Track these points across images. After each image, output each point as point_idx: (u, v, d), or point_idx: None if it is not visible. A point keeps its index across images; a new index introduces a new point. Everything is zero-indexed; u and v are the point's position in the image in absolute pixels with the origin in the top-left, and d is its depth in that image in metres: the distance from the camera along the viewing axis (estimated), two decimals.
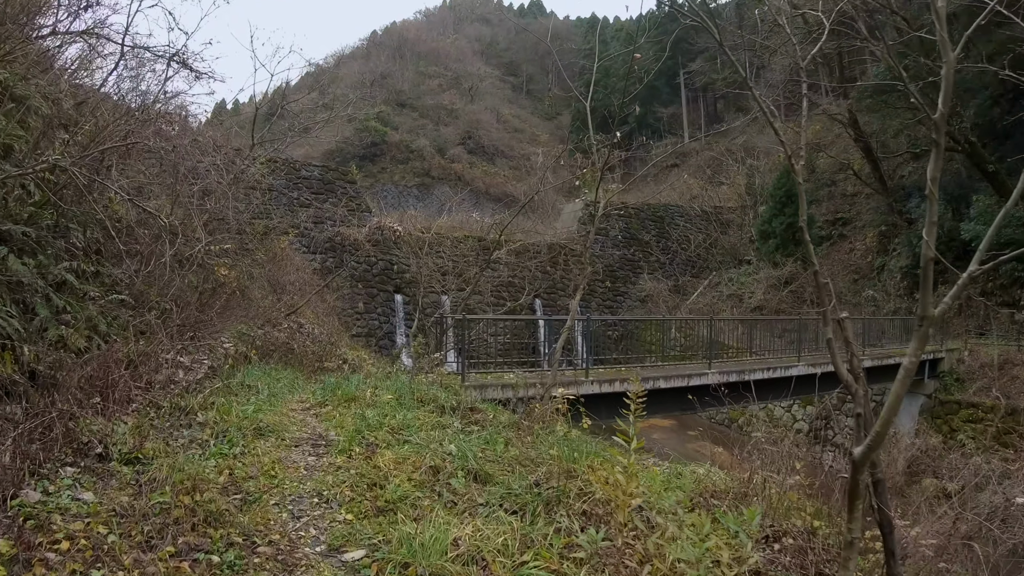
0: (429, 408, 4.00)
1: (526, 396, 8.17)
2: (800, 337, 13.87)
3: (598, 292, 28.29)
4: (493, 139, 61.27)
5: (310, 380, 6.88)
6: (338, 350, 8.96)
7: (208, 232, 10.67)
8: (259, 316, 8.66)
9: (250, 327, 8.02)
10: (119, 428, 3.42)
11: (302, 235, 19.18)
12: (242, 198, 12.71)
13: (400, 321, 21.37)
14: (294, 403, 4.62)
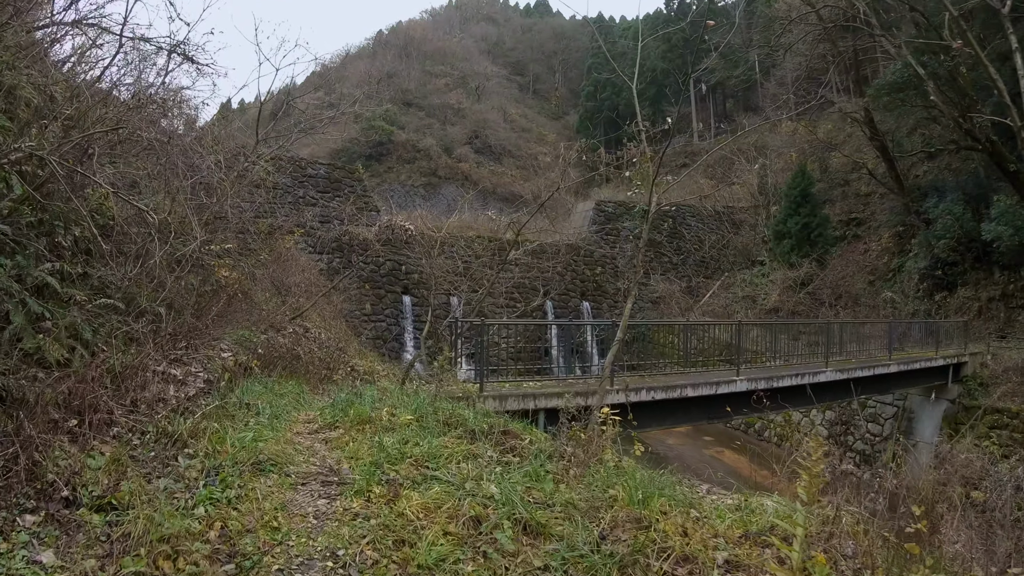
0: (456, 432, 3.43)
1: (548, 407, 7.60)
2: (827, 340, 13.24)
3: (609, 293, 27.70)
4: (500, 138, 60.81)
5: (317, 392, 6.33)
6: (347, 357, 8.41)
7: (209, 231, 10.15)
8: (262, 320, 8.12)
9: (252, 332, 7.48)
10: (93, 461, 2.87)
11: (308, 234, 18.66)
12: (245, 196, 12.20)
13: (409, 323, 20.84)
14: (299, 424, 4.06)
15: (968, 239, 24.06)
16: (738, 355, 10.68)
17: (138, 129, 6.27)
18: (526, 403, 7.46)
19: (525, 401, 7.50)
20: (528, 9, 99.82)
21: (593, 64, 62.92)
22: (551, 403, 7.79)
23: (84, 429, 3.41)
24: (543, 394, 7.74)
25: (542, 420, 7.74)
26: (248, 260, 9.81)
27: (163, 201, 8.63)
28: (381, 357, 19.23)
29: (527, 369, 10.07)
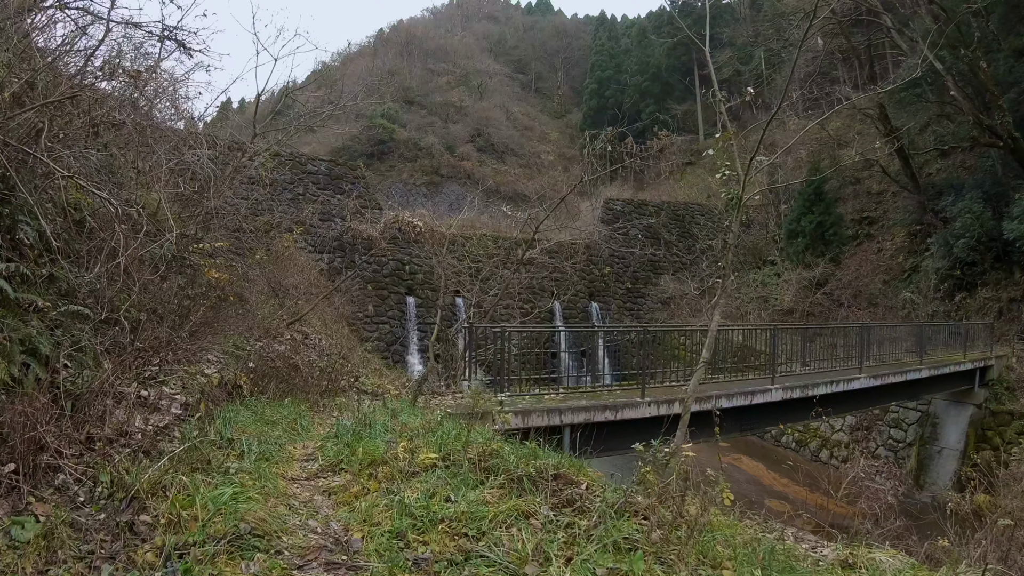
0: (498, 480, 2.67)
1: (576, 422, 6.82)
2: (861, 345, 12.46)
3: (618, 294, 26.94)
4: (503, 137, 60.06)
5: (318, 409, 5.56)
6: (351, 366, 7.64)
7: (201, 228, 9.37)
8: (257, 326, 7.34)
9: (245, 340, 6.71)
10: (21, 531, 2.10)
11: (308, 233, 17.89)
12: (241, 192, 11.42)
13: (413, 325, 20.07)
14: (295, 465, 3.27)
15: (988, 238, 23.33)
16: (772, 362, 9.90)
17: (110, 109, 5.49)
18: (551, 419, 6.69)
19: (550, 416, 6.73)
20: (529, 7, 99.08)
21: (597, 61, 62.10)
22: (579, 418, 7.02)
23: (20, 478, 2.63)
24: (569, 408, 6.97)
25: (568, 437, 6.97)
26: (243, 260, 9.04)
27: (143, 194, 7.86)
28: (385, 362, 18.47)
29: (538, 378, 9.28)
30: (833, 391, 11.41)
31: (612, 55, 61.92)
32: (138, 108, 8.81)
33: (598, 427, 7.26)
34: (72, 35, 9.79)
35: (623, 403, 7.47)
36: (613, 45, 63.57)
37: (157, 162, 9.53)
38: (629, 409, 7.51)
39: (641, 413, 7.64)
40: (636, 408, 7.59)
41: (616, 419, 7.35)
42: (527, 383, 8.16)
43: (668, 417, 8.11)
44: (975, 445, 18.44)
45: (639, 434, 8.18)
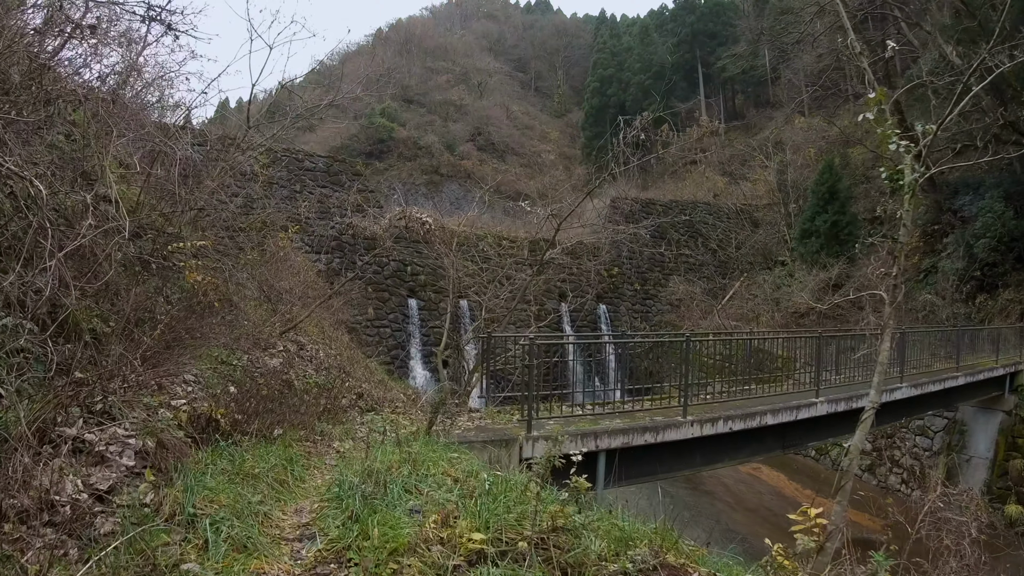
0: None
1: (612, 447, 5.90)
2: (902, 352, 11.57)
3: (627, 296, 26.01)
4: (503, 136, 59.21)
5: (313, 441, 4.63)
6: (352, 380, 6.72)
7: (186, 225, 8.45)
8: (245, 336, 6.42)
9: (231, 354, 5.79)
10: None
11: (304, 232, 16.96)
12: (232, 187, 10.50)
13: (416, 328, 19.13)
14: (283, 548, 2.36)
15: (1010, 238, 22.59)
16: (817, 374, 8.99)
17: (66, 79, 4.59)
18: (585, 444, 5.78)
19: (584, 442, 5.82)
20: (529, 7, 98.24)
21: (599, 59, 61.20)
22: (616, 442, 6.11)
23: None
24: (605, 432, 6.06)
25: (603, 463, 6.06)
26: (231, 261, 8.10)
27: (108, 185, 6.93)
28: (386, 368, 17.53)
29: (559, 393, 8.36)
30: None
31: (614, 53, 61.02)
32: (104, 81, 7.90)
33: (635, 451, 6.36)
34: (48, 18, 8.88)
35: (664, 424, 6.56)
36: (615, 43, 62.66)
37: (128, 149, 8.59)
38: (671, 430, 6.61)
39: (683, 434, 6.74)
40: (678, 429, 6.68)
41: (656, 442, 6.45)
42: (553, 402, 7.23)
43: (712, 438, 7.21)
44: (1005, 453, 17.60)
45: (680, 457, 7.29)
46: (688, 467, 7.29)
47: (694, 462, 7.39)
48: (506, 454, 5.32)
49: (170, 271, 6.88)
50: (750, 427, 7.67)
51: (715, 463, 7.70)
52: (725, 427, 7.28)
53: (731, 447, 7.92)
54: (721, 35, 53.57)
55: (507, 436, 5.46)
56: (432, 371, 17.97)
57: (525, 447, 5.49)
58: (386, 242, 12.65)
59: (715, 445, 7.55)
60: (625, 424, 6.32)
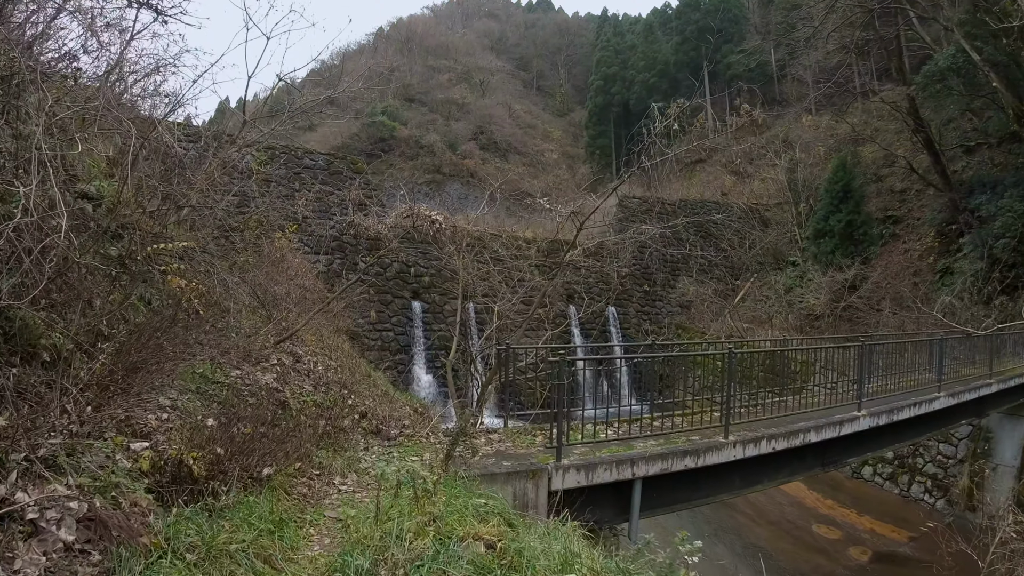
0: None
1: (650, 475, 5.18)
2: (940, 360, 10.84)
3: (635, 297, 25.27)
4: (506, 135, 58.55)
5: (311, 475, 3.92)
6: (355, 397, 6.00)
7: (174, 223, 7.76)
8: (236, 348, 5.71)
9: (218, 369, 5.09)
10: None
11: (303, 231, 16.23)
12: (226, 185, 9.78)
13: (419, 332, 18.39)
14: None
15: None
16: (860, 384, 8.27)
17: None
18: (621, 472, 5.08)
19: (620, 469, 5.11)
20: (530, 6, 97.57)
21: (602, 57, 60.46)
22: (653, 468, 5.40)
23: None
24: (643, 457, 5.34)
25: (639, 493, 5.34)
26: (223, 263, 7.39)
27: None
28: (389, 374, 16.80)
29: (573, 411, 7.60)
30: (916, 414, 9.83)
31: (617, 51, 60.28)
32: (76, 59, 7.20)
33: (672, 476, 5.65)
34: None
35: (705, 447, 5.85)
36: (618, 41, 61.92)
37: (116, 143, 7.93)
38: (712, 453, 5.90)
39: (725, 457, 6.03)
40: (720, 451, 5.97)
41: (696, 466, 5.75)
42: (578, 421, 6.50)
43: (755, 459, 6.49)
44: None
45: (719, 480, 6.57)
46: (727, 491, 6.59)
47: (733, 485, 6.68)
48: (533, 487, 4.63)
49: (152, 275, 6.18)
50: (793, 446, 6.96)
51: (754, 485, 6.99)
52: (768, 447, 6.57)
53: (771, 467, 7.20)
54: (727, 32, 52.83)
55: (534, 466, 4.76)
56: (437, 377, 17.25)
57: (555, 478, 4.80)
58: (391, 242, 11.78)
59: (754, 466, 6.84)
60: (663, 448, 5.61)
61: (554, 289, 12.57)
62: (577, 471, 4.93)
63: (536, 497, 4.63)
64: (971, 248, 23.64)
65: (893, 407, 9.00)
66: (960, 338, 13.55)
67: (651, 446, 5.71)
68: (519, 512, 4.09)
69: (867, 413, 8.39)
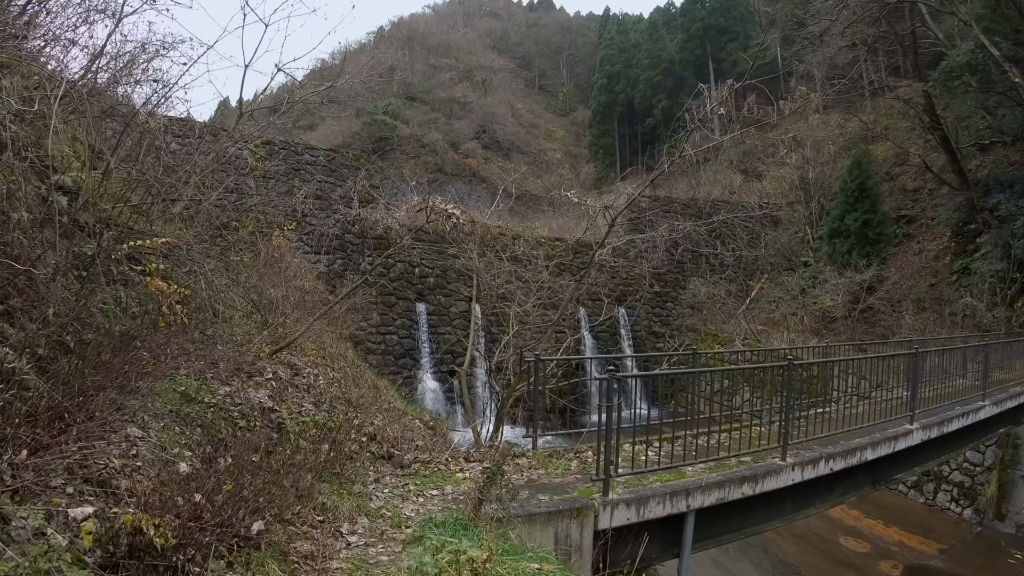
0: None
1: (706, 506, 4.44)
2: (986, 367, 10.11)
3: (645, 298, 24.50)
4: (508, 134, 57.88)
5: (311, 526, 3.19)
6: (363, 414, 5.27)
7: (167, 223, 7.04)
8: (226, 359, 4.98)
9: (203, 386, 4.36)
10: None
11: (303, 229, 15.50)
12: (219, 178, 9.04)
13: (424, 335, 17.65)
14: None
15: None
16: (913, 394, 7.53)
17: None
18: (675, 504, 4.35)
19: (674, 501, 4.39)
20: (532, 5, 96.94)
21: (606, 56, 59.79)
22: (709, 498, 4.66)
23: None
24: (698, 487, 4.61)
25: (691, 526, 4.61)
26: (215, 263, 6.65)
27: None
28: (394, 379, 16.09)
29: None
30: (964, 424, 9.11)
31: (621, 49, 59.63)
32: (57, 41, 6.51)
33: (727, 506, 4.93)
34: None
35: (763, 471, 5.12)
36: (622, 39, 61.24)
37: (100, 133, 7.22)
38: (770, 478, 5.18)
39: (783, 481, 5.31)
40: (778, 475, 5.25)
41: (754, 493, 5.02)
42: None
43: (813, 481, 5.75)
44: None
45: (771, 506, 5.83)
46: (779, 516, 5.86)
47: (785, 510, 5.95)
48: (577, 527, 3.91)
49: (131, 277, 5.45)
50: (850, 464, 6.24)
51: (807, 508, 6.26)
52: (826, 468, 5.84)
53: (823, 488, 6.48)
54: (732, 30, 52.16)
55: (578, 503, 4.03)
56: (444, 383, 16.50)
57: (602, 515, 4.07)
58: (403, 239, 10.89)
59: (807, 487, 6.11)
60: (719, 474, 4.88)
61: (578, 291, 11.75)
62: (627, 506, 4.20)
63: (580, 538, 3.92)
64: (990, 248, 22.94)
65: (943, 418, 8.28)
66: (1000, 343, 12.81)
67: (700, 470, 4.98)
68: (562, 557, 3.36)
69: (920, 426, 7.66)
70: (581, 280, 7.32)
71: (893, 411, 7.68)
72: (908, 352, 7.65)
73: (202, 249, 5.81)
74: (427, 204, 6.89)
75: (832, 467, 5.91)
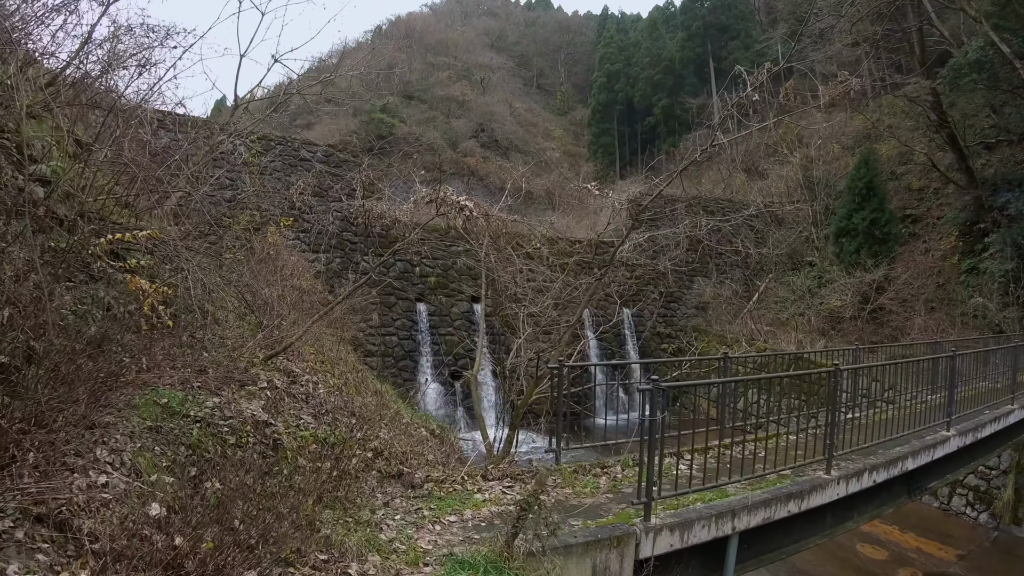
0: None
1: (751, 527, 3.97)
2: (1015, 369, 9.67)
3: (650, 298, 24.02)
4: (507, 133, 57.39)
5: (313, 568, 2.71)
6: (368, 426, 4.78)
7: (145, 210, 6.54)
8: (215, 365, 4.49)
9: (189, 397, 3.87)
10: None
11: (299, 225, 14.98)
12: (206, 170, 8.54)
13: (425, 337, 17.14)
14: None
15: None
16: (949, 400, 7.07)
17: None
18: (720, 526, 3.88)
19: (719, 524, 3.91)
20: (529, 4, 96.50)
21: (606, 54, 59.34)
22: (755, 518, 4.19)
23: None
24: (743, 506, 4.13)
25: (734, 549, 4.13)
26: (205, 261, 6.15)
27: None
28: (393, 381, 15.59)
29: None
30: (996, 429, 8.66)
31: (621, 48, 59.20)
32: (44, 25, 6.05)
33: (770, 525, 4.45)
34: None
35: (809, 487, 4.65)
36: (622, 38, 60.81)
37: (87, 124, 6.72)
38: (816, 494, 4.72)
39: (828, 496, 4.85)
40: (823, 490, 4.78)
41: (799, 511, 4.56)
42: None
43: (857, 495, 5.28)
44: None
45: (812, 522, 5.36)
46: (819, 532, 5.39)
47: (824, 525, 5.48)
48: (617, 557, 3.44)
49: (111, 275, 4.95)
50: (892, 475, 5.77)
51: (845, 523, 5.79)
52: (869, 480, 5.38)
53: (860, 501, 6.00)
54: (733, 29, 51.74)
55: (618, 530, 3.55)
56: (446, 386, 16.00)
57: (643, 543, 3.59)
58: (412, 232, 10.20)
59: (847, 501, 5.64)
60: (766, 494, 4.40)
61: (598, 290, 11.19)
62: (671, 532, 3.72)
63: (620, 570, 3.44)
64: (999, 247, 22.58)
65: (977, 423, 7.83)
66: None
67: (740, 488, 4.50)
68: None
69: (956, 433, 7.20)
70: (601, 278, 6.83)
71: (928, 417, 7.22)
72: (946, 355, 7.19)
73: (191, 245, 5.31)
74: (437, 196, 6.37)
75: (875, 479, 5.45)
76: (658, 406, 3.51)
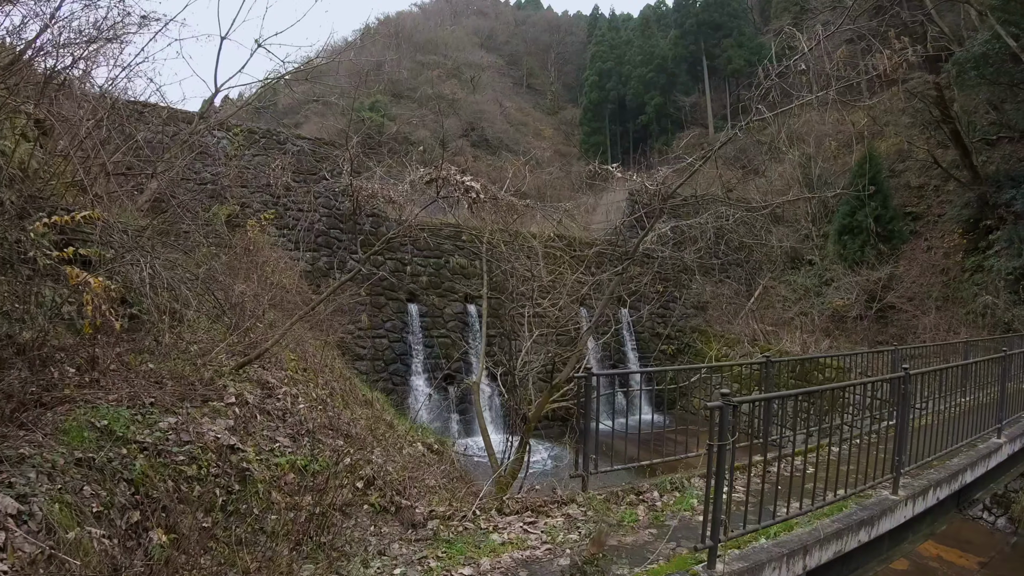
0: None
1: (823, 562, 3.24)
2: None
3: (649, 298, 23.34)
4: (497, 132, 56.72)
5: None
6: (360, 446, 4.02)
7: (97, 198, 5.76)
8: (174, 376, 3.71)
9: (138, 418, 3.09)
10: None
11: (280, 218, 14.18)
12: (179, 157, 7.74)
13: (418, 339, 16.34)
14: None
15: None
16: (1001, 405, 6.41)
17: None
18: (791, 566, 3.17)
19: (791, 564, 3.19)
20: (519, 3, 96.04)
21: (597, 52, 58.83)
22: (827, 553, 3.48)
23: None
24: (816, 540, 3.40)
25: None
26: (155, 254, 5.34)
27: None
28: (385, 385, 14.81)
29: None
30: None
31: (613, 46, 58.72)
32: None
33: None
34: None
35: (879, 511, 3.95)
36: (614, 36, 60.36)
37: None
38: (885, 519, 4.03)
39: (897, 519, 4.16)
40: (892, 514, 4.09)
41: (869, 540, 3.86)
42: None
43: (923, 516, 4.57)
44: None
45: (871, 550, 4.66)
46: (875, 559, 4.69)
47: (881, 549, 4.77)
48: None
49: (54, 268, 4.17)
50: (953, 490, 5.09)
51: (900, 544, 5.09)
52: (933, 498, 4.70)
53: (916, 520, 5.31)
54: (726, 26, 51.36)
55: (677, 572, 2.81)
56: (438, 390, 15.20)
57: None
58: (411, 215, 9.12)
59: (907, 522, 4.95)
60: (838, 523, 3.67)
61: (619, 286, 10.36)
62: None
63: None
64: (1005, 245, 22.19)
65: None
66: None
67: (805, 518, 3.77)
68: None
69: (1007, 439, 6.54)
70: (622, 272, 6.13)
71: (981, 423, 6.55)
72: (998, 355, 6.53)
73: (148, 233, 4.52)
74: (439, 174, 5.60)
75: (939, 496, 4.77)
76: (727, 427, 2.77)
